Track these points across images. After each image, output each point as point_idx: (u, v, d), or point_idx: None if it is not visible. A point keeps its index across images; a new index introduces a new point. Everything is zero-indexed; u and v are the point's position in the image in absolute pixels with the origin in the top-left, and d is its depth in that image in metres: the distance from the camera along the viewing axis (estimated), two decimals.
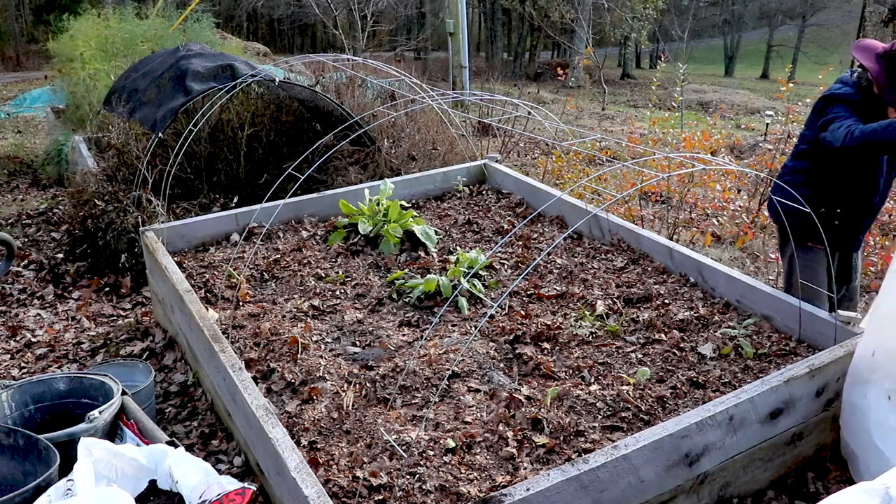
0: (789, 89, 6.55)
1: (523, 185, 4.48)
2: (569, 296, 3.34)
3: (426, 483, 2.13)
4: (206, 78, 5.09)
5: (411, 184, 4.61)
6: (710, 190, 6.23)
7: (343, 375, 2.74)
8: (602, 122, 13.37)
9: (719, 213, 5.72)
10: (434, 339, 3.02)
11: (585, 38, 19.90)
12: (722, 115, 13.98)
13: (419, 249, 3.86)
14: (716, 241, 5.31)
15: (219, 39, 10.16)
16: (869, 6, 10.19)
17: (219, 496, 1.88)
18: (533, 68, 26.01)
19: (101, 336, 3.82)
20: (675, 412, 2.44)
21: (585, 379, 2.70)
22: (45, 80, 13.62)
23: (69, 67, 7.85)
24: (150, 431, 2.32)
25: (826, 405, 2.54)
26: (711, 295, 3.25)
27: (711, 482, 2.33)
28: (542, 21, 21.86)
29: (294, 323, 3.16)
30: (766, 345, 2.85)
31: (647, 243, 3.66)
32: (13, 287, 4.46)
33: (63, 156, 6.83)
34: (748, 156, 8.04)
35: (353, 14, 16.25)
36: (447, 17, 8.70)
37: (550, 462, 2.24)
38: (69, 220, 4.90)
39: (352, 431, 2.42)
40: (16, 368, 3.54)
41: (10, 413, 2.48)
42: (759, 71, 31.81)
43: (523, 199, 4.47)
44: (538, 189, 4.34)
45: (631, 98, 20.80)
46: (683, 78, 8.21)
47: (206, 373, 2.99)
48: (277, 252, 3.87)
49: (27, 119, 10.81)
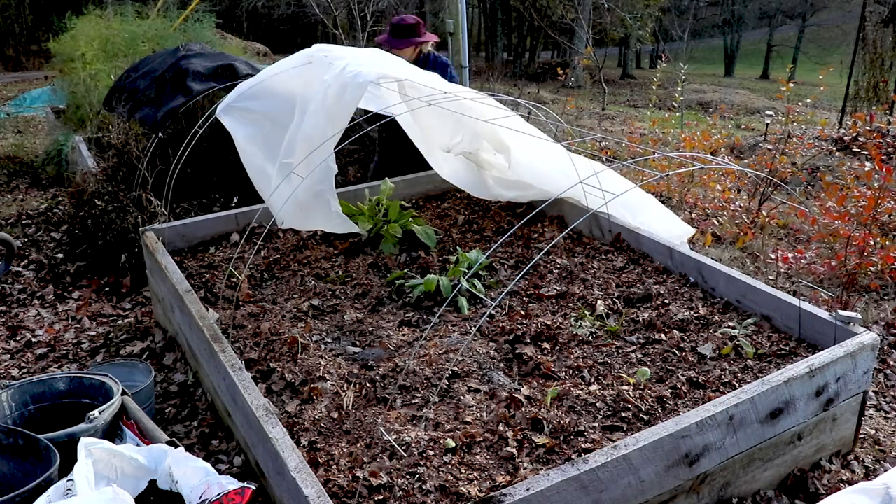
0: (789, 89, 6.55)
1: None
2: (569, 296, 3.34)
3: (426, 483, 2.13)
4: (206, 78, 5.10)
5: (411, 184, 4.61)
6: (710, 190, 6.23)
7: (343, 375, 2.74)
8: (602, 121, 13.37)
9: (719, 213, 5.72)
10: (434, 339, 3.02)
11: (585, 38, 19.90)
12: (722, 115, 13.99)
13: (419, 249, 3.86)
14: (716, 241, 5.31)
15: (219, 39, 10.15)
16: (869, 6, 10.19)
17: (219, 496, 1.88)
18: (533, 68, 26.02)
19: (101, 336, 3.82)
20: (675, 412, 2.44)
21: (585, 379, 2.70)
22: (46, 81, 13.63)
23: (70, 67, 7.85)
24: (150, 431, 2.32)
25: (826, 405, 2.55)
26: (711, 295, 3.25)
27: (711, 482, 2.33)
28: (542, 21, 21.86)
29: (294, 323, 3.16)
30: (766, 345, 2.85)
31: (647, 243, 3.66)
32: (13, 287, 4.46)
33: (63, 156, 6.83)
34: (748, 156, 8.04)
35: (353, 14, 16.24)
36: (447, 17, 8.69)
37: (550, 462, 2.24)
38: (69, 220, 4.90)
39: (352, 431, 2.42)
40: (16, 368, 3.54)
41: (10, 413, 2.49)
42: (759, 71, 31.81)
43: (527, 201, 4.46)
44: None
45: (631, 98, 20.81)
46: (683, 78, 8.22)
47: (206, 373, 2.99)
48: (277, 252, 3.87)
49: (27, 119, 10.80)
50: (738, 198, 5.92)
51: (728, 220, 5.53)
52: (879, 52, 10.03)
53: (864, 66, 10.10)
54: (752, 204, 5.71)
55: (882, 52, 10.03)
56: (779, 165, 5.96)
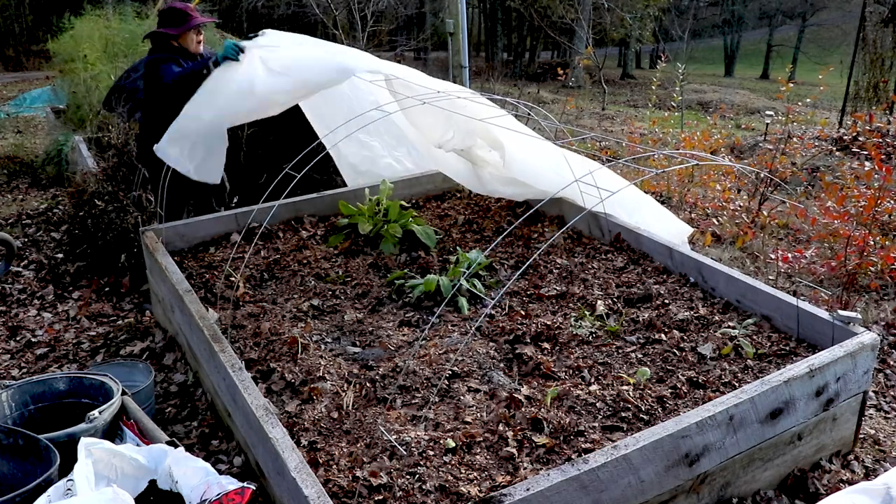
0: (789, 89, 6.54)
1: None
2: (569, 296, 3.34)
3: (426, 483, 2.13)
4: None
5: (411, 184, 4.61)
6: (710, 190, 6.23)
7: (343, 375, 2.74)
8: (602, 121, 13.38)
9: (719, 213, 5.72)
10: (434, 339, 3.02)
11: (585, 38, 19.89)
12: (722, 115, 13.98)
13: (419, 249, 3.86)
14: (716, 241, 5.31)
15: (219, 39, 10.13)
16: (869, 6, 10.20)
17: (218, 496, 1.88)
18: (533, 68, 26.01)
19: (101, 336, 3.82)
20: (675, 412, 2.44)
21: (585, 379, 2.70)
22: (46, 81, 13.63)
23: (70, 68, 7.85)
24: (150, 431, 2.32)
25: (826, 405, 2.55)
26: (711, 295, 3.25)
27: (711, 482, 2.33)
28: (542, 21, 21.86)
29: (294, 323, 3.16)
30: (766, 345, 2.85)
31: (647, 243, 3.66)
32: (13, 287, 4.46)
33: (63, 156, 6.83)
34: (748, 156, 8.04)
35: (353, 14, 16.24)
36: (447, 17, 8.69)
37: (550, 462, 2.24)
38: (69, 220, 4.90)
39: (352, 431, 2.42)
40: (16, 368, 3.54)
41: (10, 413, 2.49)
42: (759, 71, 31.79)
43: (524, 200, 4.46)
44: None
45: (631, 98, 20.81)
46: (683, 78, 8.22)
47: (206, 373, 2.99)
48: (277, 252, 3.87)
49: (27, 119, 10.81)
50: (738, 198, 5.92)
51: (728, 220, 5.53)
52: (879, 52, 10.04)
53: (864, 66, 10.10)
54: (752, 204, 5.71)
55: (882, 52, 10.03)
56: (779, 165, 5.96)
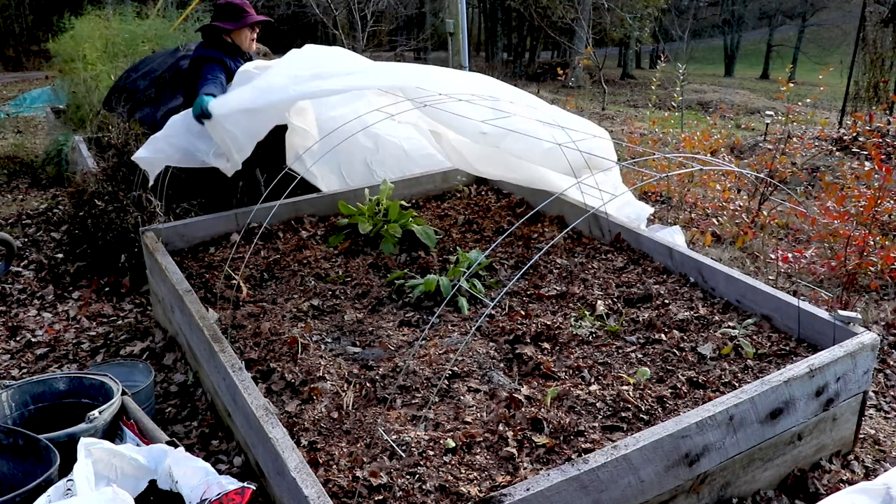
0: (789, 89, 6.55)
1: (523, 184, 4.48)
2: (569, 296, 3.34)
3: (426, 483, 2.13)
4: None
5: (411, 184, 4.61)
6: (710, 190, 6.23)
7: (343, 375, 2.74)
8: (602, 121, 13.37)
9: (719, 213, 5.72)
10: (434, 339, 3.02)
11: (585, 38, 19.90)
12: (722, 115, 13.99)
13: (419, 249, 3.86)
14: (716, 241, 5.31)
15: None
16: (869, 6, 10.20)
17: (218, 496, 1.88)
18: (533, 68, 26.02)
19: (101, 336, 3.82)
20: (675, 412, 2.44)
21: (585, 379, 2.70)
22: (46, 81, 13.64)
23: (70, 68, 7.85)
24: (150, 431, 2.32)
25: (826, 405, 2.55)
26: (711, 295, 3.25)
27: (711, 482, 2.33)
28: (542, 21, 21.86)
29: (294, 323, 3.16)
30: (766, 345, 2.85)
31: (647, 243, 3.66)
32: (13, 287, 4.46)
33: (63, 156, 6.83)
34: (748, 156, 8.04)
35: (353, 14, 16.25)
36: (447, 17, 8.69)
37: (550, 462, 2.24)
38: (69, 220, 4.90)
39: (352, 431, 2.42)
40: (16, 368, 3.54)
41: (10, 413, 2.49)
42: (759, 71, 31.80)
43: (524, 199, 4.47)
44: (538, 189, 4.33)
45: (631, 98, 20.82)
46: (683, 78, 8.22)
47: (206, 373, 2.99)
48: (277, 252, 3.87)
49: (27, 119, 10.81)
50: (737, 198, 5.92)
51: (728, 220, 5.53)
52: (879, 52, 10.03)
53: (864, 66, 10.10)
54: (752, 204, 5.71)
55: (882, 52, 10.03)
56: (779, 165, 5.96)
